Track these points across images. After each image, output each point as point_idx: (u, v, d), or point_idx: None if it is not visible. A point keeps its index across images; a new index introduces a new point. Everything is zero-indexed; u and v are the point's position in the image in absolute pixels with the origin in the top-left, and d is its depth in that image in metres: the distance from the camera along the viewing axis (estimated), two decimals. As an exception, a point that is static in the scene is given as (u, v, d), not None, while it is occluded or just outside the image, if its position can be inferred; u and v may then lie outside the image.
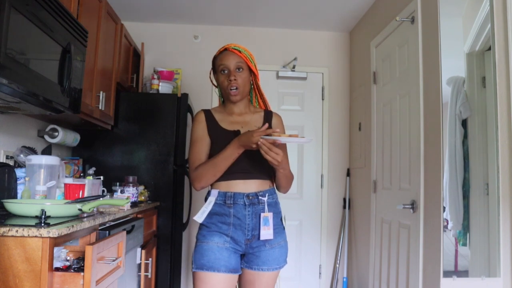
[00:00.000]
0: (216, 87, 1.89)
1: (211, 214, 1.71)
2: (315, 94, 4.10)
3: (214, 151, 1.73)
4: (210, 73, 1.90)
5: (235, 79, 1.74)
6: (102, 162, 3.09)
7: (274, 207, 1.76)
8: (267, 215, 1.69)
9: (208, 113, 1.85)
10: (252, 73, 1.84)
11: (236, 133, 1.75)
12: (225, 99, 1.83)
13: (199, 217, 1.70)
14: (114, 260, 1.68)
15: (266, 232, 1.68)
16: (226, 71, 1.77)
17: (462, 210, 2.27)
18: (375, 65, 3.37)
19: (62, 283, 1.38)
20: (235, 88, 1.75)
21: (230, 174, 1.71)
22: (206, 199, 1.77)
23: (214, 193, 1.73)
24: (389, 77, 3.09)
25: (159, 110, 3.16)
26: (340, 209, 4.01)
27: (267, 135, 1.59)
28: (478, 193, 2.27)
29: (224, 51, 1.80)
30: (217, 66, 1.80)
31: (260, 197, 1.71)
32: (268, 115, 1.87)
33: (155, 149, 3.13)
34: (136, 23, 3.96)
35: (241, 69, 1.77)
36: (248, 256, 1.73)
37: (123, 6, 3.60)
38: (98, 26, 2.65)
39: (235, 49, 1.78)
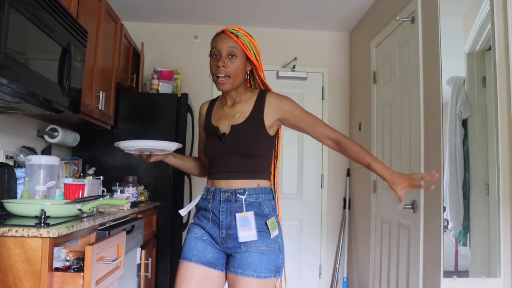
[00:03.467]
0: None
1: (198, 208, 1.69)
2: (315, 94, 4.10)
3: (206, 145, 1.70)
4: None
5: (223, 66, 1.57)
6: (102, 162, 3.08)
7: (257, 208, 1.57)
8: (246, 215, 1.54)
9: (211, 104, 1.79)
10: (253, 64, 1.66)
11: (215, 129, 1.66)
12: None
13: (183, 210, 1.71)
14: (114, 260, 1.68)
15: (247, 233, 1.53)
16: (217, 56, 1.61)
17: (463, 210, 2.27)
18: (375, 65, 3.37)
19: (62, 283, 1.38)
20: (222, 75, 1.58)
21: (214, 173, 1.66)
22: None
23: (204, 187, 1.70)
24: (389, 77, 3.09)
25: (159, 110, 3.15)
26: (340, 209, 4.01)
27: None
28: (478, 193, 2.27)
29: (221, 33, 1.63)
30: (210, 49, 1.65)
31: (238, 195, 1.56)
32: (261, 98, 1.66)
33: (155, 149, 3.13)
34: (136, 23, 3.95)
35: (234, 56, 1.59)
36: (228, 258, 1.61)
37: (123, 6, 3.60)
38: (98, 26, 2.65)
39: (231, 32, 1.60)
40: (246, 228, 1.53)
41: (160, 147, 1.69)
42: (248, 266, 1.52)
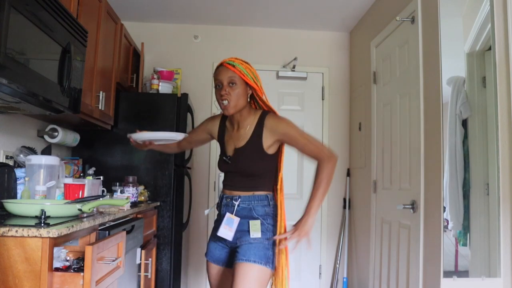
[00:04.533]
0: None
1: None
2: (315, 94, 4.10)
3: (219, 161, 1.96)
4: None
5: (226, 93, 1.80)
6: (102, 162, 3.08)
7: (248, 212, 1.84)
8: (232, 218, 1.83)
9: (223, 120, 2.01)
10: (252, 88, 1.86)
11: (224, 151, 1.94)
12: None
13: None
14: (114, 260, 1.68)
15: (226, 232, 1.83)
16: (220, 86, 1.83)
17: (462, 210, 2.27)
18: (375, 65, 3.37)
19: (62, 283, 1.38)
20: (226, 102, 1.80)
21: (224, 184, 1.95)
22: None
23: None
24: (389, 77, 3.09)
25: (159, 110, 3.15)
26: (340, 209, 4.01)
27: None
28: (478, 193, 2.27)
29: (220, 66, 1.85)
30: (214, 81, 1.87)
31: (233, 201, 1.86)
32: (261, 121, 1.86)
33: (155, 149, 3.12)
34: (136, 23, 3.95)
35: (234, 84, 1.80)
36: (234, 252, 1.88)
37: (123, 6, 3.59)
38: (98, 26, 2.65)
39: (229, 63, 1.82)
40: (227, 227, 1.83)
41: (168, 137, 1.99)
42: (240, 252, 1.80)
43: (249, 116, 1.89)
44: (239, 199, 1.84)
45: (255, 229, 1.82)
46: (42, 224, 1.32)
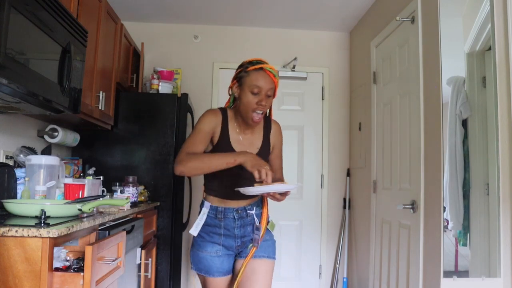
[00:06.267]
0: (230, 95, 1.91)
1: (204, 226, 1.88)
2: (315, 94, 4.10)
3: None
4: (232, 81, 1.84)
5: (265, 104, 1.76)
6: (102, 162, 3.08)
7: (260, 216, 1.92)
8: (260, 226, 1.88)
9: (224, 118, 1.85)
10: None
11: None
12: (244, 117, 1.81)
13: (194, 230, 1.87)
14: (114, 260, 1.68)
15: (254, 236, 1.91)
16: (257, 93, 1.75)
17: (462, 210, 2.27)
18: (375, 65, 3.37)
19: (62, 283, 1.38)
20: (261, 112, 1.77)
21: (224, 196, 1.86)
22: (200, 208, 1.93)
23: (207, 205, 1.88)
24: (389, 77, 3.09)
25: (159, 110, 3.15)
26: (340, 209, 4.01)
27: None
28: (478, 193, 2.27)
29: (260, 69, 1.76)
30: (248, 83, 1.75)
31: (248, 211, 1.88)
32: (267, 126, 1.95)
33: (155, 149, 3.13)
34: (136, 23, 3.95)
35: (271, 96, 1.80)
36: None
37: (123, 6, 3.59)
38: (98, 26, 2.65)
39: (271, 72, 1.77)
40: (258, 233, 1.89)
41: (282, 190, 1.68)
42: (260, 249, 1.87)
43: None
44: (254, 208, 1.90)
45: (273, 227, 1.96)
46: (42, 224, 1.32)
